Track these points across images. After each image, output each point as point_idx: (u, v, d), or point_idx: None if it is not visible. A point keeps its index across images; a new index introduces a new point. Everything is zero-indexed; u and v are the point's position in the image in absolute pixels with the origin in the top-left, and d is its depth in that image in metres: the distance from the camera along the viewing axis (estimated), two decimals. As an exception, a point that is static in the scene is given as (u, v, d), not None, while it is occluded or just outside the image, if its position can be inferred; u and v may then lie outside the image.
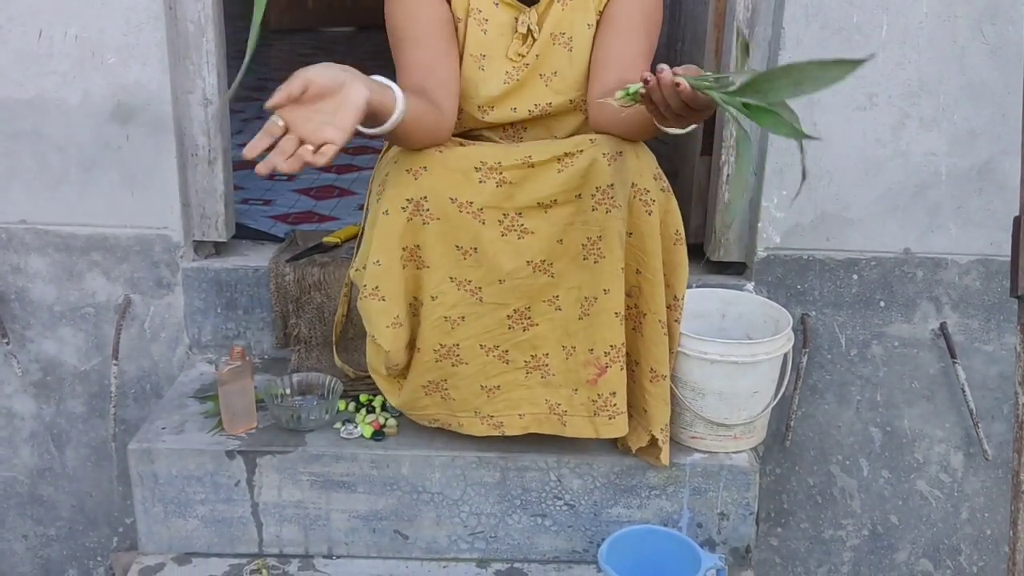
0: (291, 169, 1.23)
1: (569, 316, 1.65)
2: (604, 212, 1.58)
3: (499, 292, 1.63)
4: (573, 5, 1.70)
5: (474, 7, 1.70)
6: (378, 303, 1.63)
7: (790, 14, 1.96)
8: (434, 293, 1.62)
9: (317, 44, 5.19)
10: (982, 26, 1.96)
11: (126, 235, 2.09)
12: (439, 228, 1.59)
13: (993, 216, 2.06)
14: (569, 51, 1.71)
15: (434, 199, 1.58)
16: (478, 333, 1.65)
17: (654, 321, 1.67)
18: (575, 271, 1.62)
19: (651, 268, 1.63)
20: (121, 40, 1.96)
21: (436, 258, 1.60)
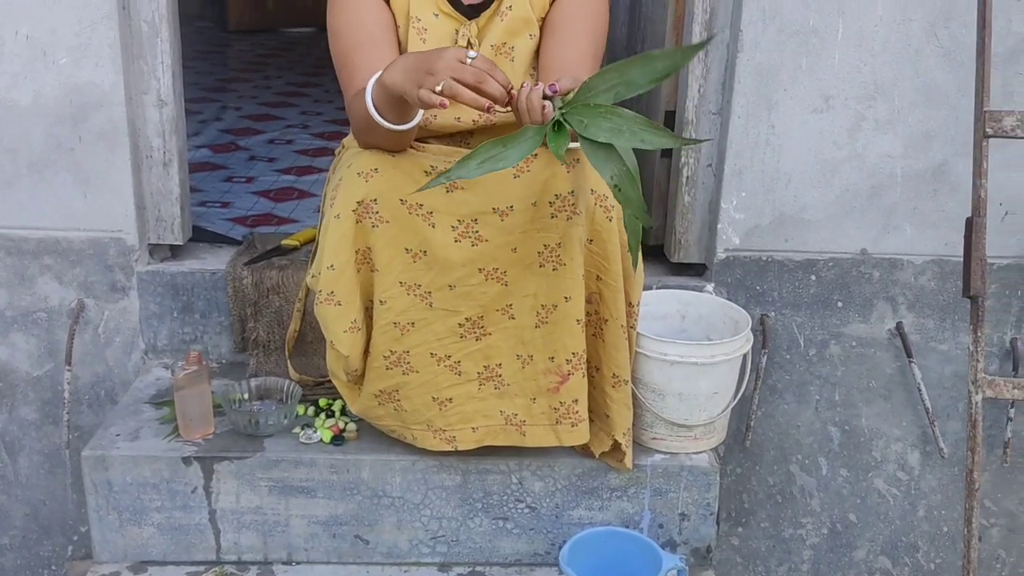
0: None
1: (524, 325, 1.64)
2: (565, 219, 1.58)
3: (449, 298, 1.61)
4: (514, 17, 1.70)
5: (414, 15, 1.69)
6: (334, 308, 1.61)
7: (747, 17, 1.97)
8: (383, 297, 1.61)
9: (278, 44, 5.14)
10: (936, 29, 1.98)
11: (79, 238, 2.05)
12: (388, 230, 1.58)
13: (947, 217, 2.09)
14: (511, 61, 1.71)
15: (384, 201, 1.57)
16: (428, 340, 1.64)
17: (616, 326, 1.67)
18: (530, 279, 1.62)
19: (612, 274, 1.64)
20: (73, 40, 1.93)
21: (385, 261, 1.59)
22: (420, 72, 1.38)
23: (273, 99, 3.96)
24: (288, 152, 3.19)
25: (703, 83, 2.06)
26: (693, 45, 1.24)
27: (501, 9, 1.71)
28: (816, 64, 2.00)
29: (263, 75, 4.40)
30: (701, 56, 2.05)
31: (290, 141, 3.32)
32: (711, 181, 2.13)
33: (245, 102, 3.88)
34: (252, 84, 4.21)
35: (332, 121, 3.61)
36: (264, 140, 3.32)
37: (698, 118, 2.07)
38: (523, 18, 1.70)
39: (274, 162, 3.07)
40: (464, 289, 1.61)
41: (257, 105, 3.84)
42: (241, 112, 3.71)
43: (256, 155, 3.15)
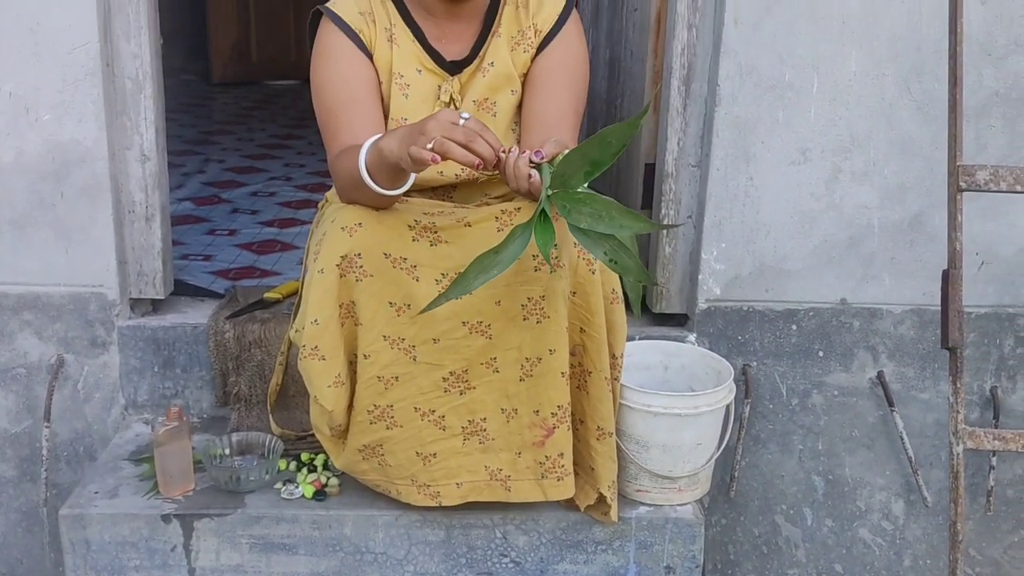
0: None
1: (508, 378, 1.64)
2: (548, 271, 1.59)
3: (434, 352, 1.61)
4: (496, 73, 1.73)
5: (397, 71, 1.71)
6: (318, 363, 1.61)
7: (724, 72, 2.00)
8: (367, 351, 1.61)
9: (262, 97, 5.18)
10: (909, 84, 2.02)
11: (60, 293, 2.05)
12: (372, 284, 1.58)
13: (925, 267, 2.11)
14: (494, 116, 1.73)
15: (367, 255, 1.57)
16: (412, 395, 1.63)
17: (600, 379, 1.67)
18: (514, 332, 1.62)
19: (595, 326, 1.64)
20: (57, 97, 1.94)
21: (369, 315, 1.59)
22: (414, 134, 1.42)
23: (256, 151, 3.98)
24: (271, 204, 3.20)
25: (682, 136, 2.09)
26: (636, 117, 1.32)
27: (483, 65, 1.73)
28: (792, 117, 2.03)
29: (247, 127, 4.43)
30: (680, 109, 2.08)
31: (273, 193, 3.33)
32: (691, 232, 2.14)
33: (228, 155, 3.90)
34: (236, 137, 4.23)
35: (315, 173, 3.62)
36: (247, 192, 3.33)
37: (678, 170, 2.10)
38: (505, 74, 1.73)
39: (257, 214, 3.08)
40: (448, 343, 1.61)
41: (240, 157, 3.86)
42: (224, 165, 3.72)
43: (239, 208, 3.15)
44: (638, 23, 2.19)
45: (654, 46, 2.13)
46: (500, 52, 1.73)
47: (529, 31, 1.73)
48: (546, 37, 1.73)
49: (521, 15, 1.74)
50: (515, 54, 1.73)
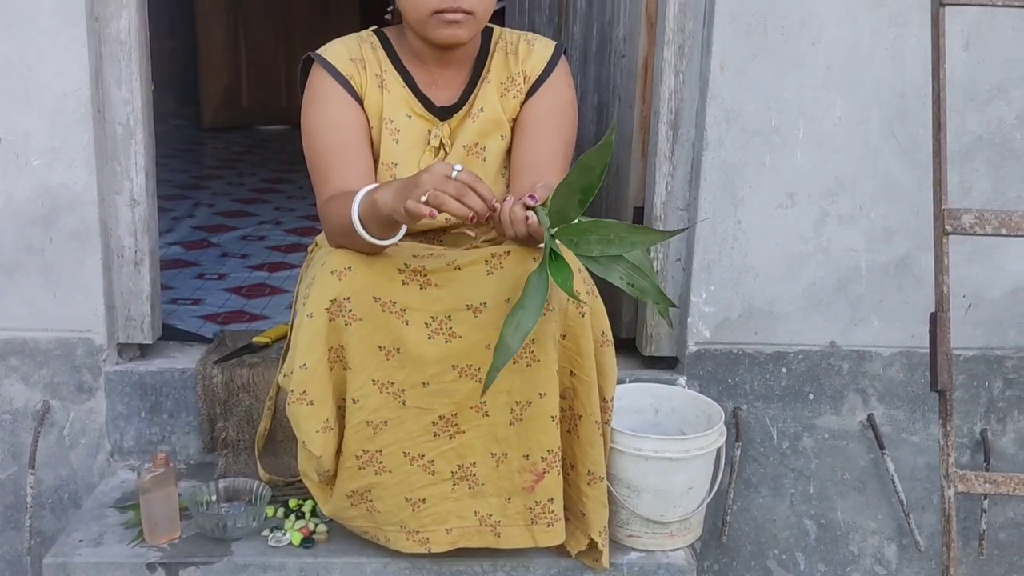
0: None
1: (498, 422, 1.63)
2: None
3: (423, 396, 1.61)
4: (485, 119, 1.74)
5: (387, 116, 1.73)
6: (306, 407, 1.60)
7: (712, 117, 2.03)
8: (356, 396, 1.60)
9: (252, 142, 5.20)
10: (894, 128, 2.05)
11: (47, 339, 2.03)
12: (361, 328, 1.58)
13: (913, 310, 2.12)
14: (483, 161, 1.74)
15: (356, 299, 1.57)
16: (401, 439, 1.62)
17: (590, 422, 1.66)
18: (504, 375, 1.61)
19: (585, 369, 1.64)
20: (47, 142, 1.94)
21: (359, 359, 1.59)
22: (408, 187, 1.43)
23: (246, 196, 3.99)
24: (261, 248, 3.20)
25: (670, 180, 2.10)
26: (607, 135, 1.34)
27: (473, 111, 1.75)
28: (779, 162, 2.05)
29: (237, 172, 4.44)
30: (668, 154, 2.09)
31: (263, 237, 3.34)
32: (680, 275, 2.15)
33: (218, 199, 3.90)
34: (226, 181, 4.25)
35: (305, 217, 3.63)
36: (237, 236, 3.34)
37: (666, 214, 2.11)
38: (494, 120, 1.74)
39: (246, 258, 3.08)
40: (438, 386, 1.61)
41: (230, 202, 3.87)
42: (214, 209, 3.73)
43: (228, 252, 3.15)
44: (626, 69, 2.21)
45: (642, 91, 2.15)
46: (490, 98, 1.75)
47: (518, 77, 1.75)
48: (535, 83, 1.75)
49: (511, 62, 1.76)
50: (504, 100, 1.75)
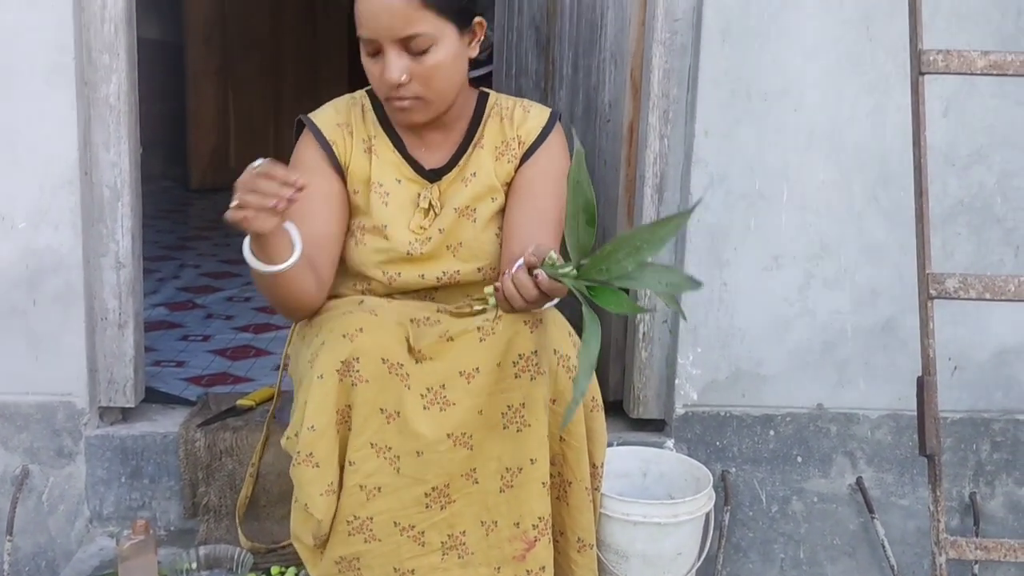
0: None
1: (488, 489, 1.61)
2: (528, 379, 1.57)
3: (417, 465, 1.58)
4: (478, 183, 1.75)
5: (376, 180, 1.74)
6: (312, 470, 1.57)
7: (697, 181, 2.05)
8: (353, 458, 1.58)
9: (239, 202, 5.21)
10: (876, 192, 2.07)
11: (27, 402, 2.01)
12: (367, 390, 1.56)
13: (899, 372, 2.12)
14: (474, 222, 1.75)
15: (365, 360, 1.55)
16: (393, 508, 1.59)
17: (580, 489, 1.64)
18: (495, 441, 1.59)
19: (575, 435, 1.62)
20: (33, 205, 1.94)
21: (361, 421, 1.57)
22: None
23: (233, 256, 3.98)
24: (246, 309, 3.19)
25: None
26: (686, 212, 1.32)
27: (465, 175, 1.75)
28: (764, 224, 2.07)
29: (223, 233, 4.44)
30: (653, 217, 2.10)
31: (248, 298, 3.32)
32: (667, 337, 2.15)
33: (204, 260, 3.90)
34: (212, 242, 4.24)
35: (291, 278, 3.61)
36: (222, 297, 3.32)
37: (652, 277, 2.11)
38: (487, 184, 1.75)
39: (232, 320, 3.06)
40: (432, 456, 1.58)
41: (217, 263, 3.86)
42: (200, 270, 3.72)
43: (213, 313, 3.14)
44: (611, 133, 2.24)
45: (627, 155, 2.18)
46: (484, 163, 1.75)
47: (513, 142, 1.76)
48: (530, 148, 1.75)
49: (506, 127, 1.77)
50: (499, 164, 1.75)
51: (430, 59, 1.60)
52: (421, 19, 1.57)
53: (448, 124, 1.75)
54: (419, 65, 1.60)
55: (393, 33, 1.57)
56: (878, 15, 2.01)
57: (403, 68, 1.60)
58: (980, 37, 2.01)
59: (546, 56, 2.58)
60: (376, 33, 1.58)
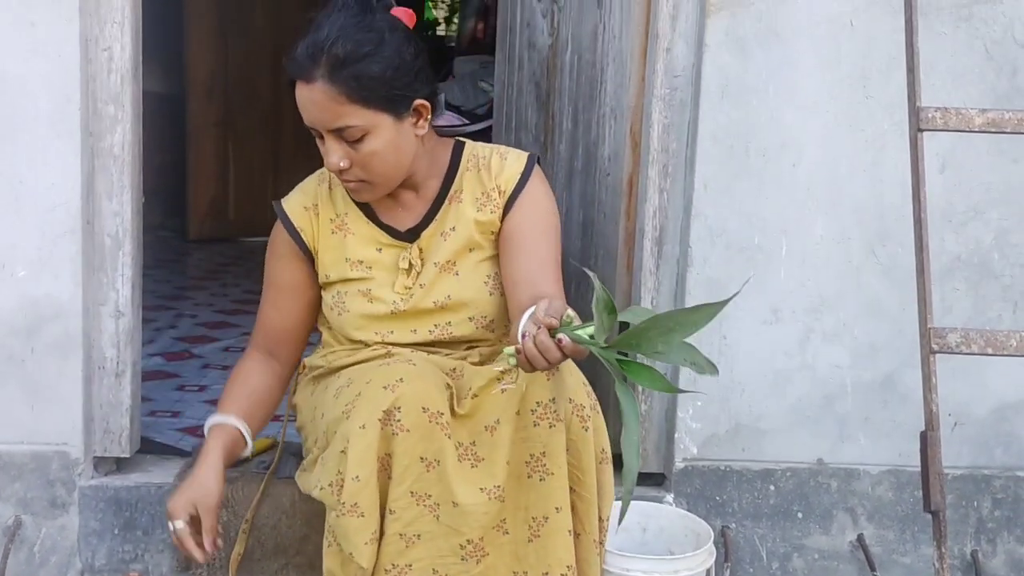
0: None
1: (518, 539, 1.59)
2: (547, 427, 1.56)
3: (454, 515, 1.56)
4: (457, 236, 1.75)
5: (354, 258, 1.75)
6: (357, 520, 1.55)
7: (696, 234, 2.06)
8: (393, 507, 1.56)
9: (237, 253, 5.22)
10: (874, 248, 2.08)
11: (21, 452, 1.99)
12: (408, 439, 1.54)
13: (899, 427, 2.12)
14: (456, 275, 1.75)
15: (407, 409, 1.54)
16: (432, 556, 1.57)
17: (589, 541, 1.62)
18: (522, 491, 1.58)
19: (586, 486, 1.61)
20: (34, 254, 1.94)
21: (401, 470, 1.55)
22: (183, 488, 1.72)
23: (230, 307, 3.98)
24: (243, 360, 3.17)
25: (655, 295, 2.12)
26: (725, 300, 1.35)
27: (444, 229, 1.75)
28: (763, 278, 2.08)
29: (221, 283, 4.44)
30: (652, 270, 2.12)
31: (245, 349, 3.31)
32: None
33: (201, 310, 3.89)
34: (209, 292, 4.24)
35: (288, 329, 3.61)
36: (219, 348, 3.31)
37: (652, 330, 2.12)
38: (467, 238, 1.75)
39: (228, 370, 3.03)
40: (468, 508, 1.57)
41: (213, 313, 3.85)
42: (197, 320, 3.71)
43: (210, 363, 3.12)
44: (610, 187, 2.26)
45: (626, 208, 2.19)
46: (463, 215, 1.75)
47: (494, 192, 1.76)
48: (511, 196, 1.75)
49: (484, 177, 1.77)
50: (482, 214, 1.75)
51: (365, 147, 1.62)
52: (349, 112, 1.59)
53: (419, 183, 1.75)
54: (356, 152, 1.63)
55: (324, 124, 1.61)
56: (874, 74, 2.04)
57: (341, 155, 1.63)
58: (975, 96, 2.04)
59: (546, 111, 2.61)
60: (311, 123, 1.64)
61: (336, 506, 1.55)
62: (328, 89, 1.57)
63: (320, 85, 1.57)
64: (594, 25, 2.31)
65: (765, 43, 2.02)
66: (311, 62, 1.58)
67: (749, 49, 2.02)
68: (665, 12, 2.04)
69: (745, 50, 2.02)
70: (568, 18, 2.46)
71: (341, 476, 1.54)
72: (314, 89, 1.58)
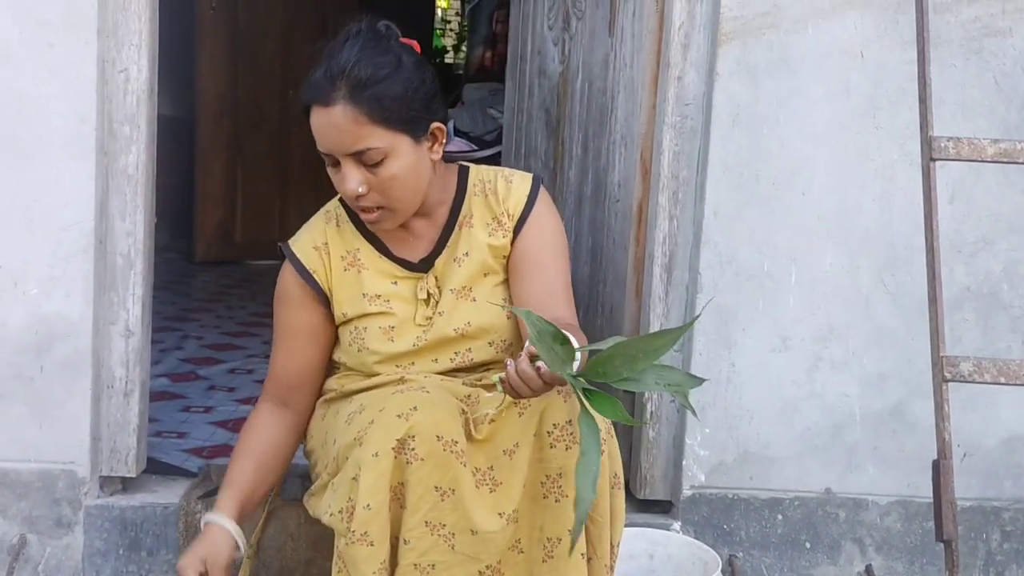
0: None
1: (533, 559, 1.58)
2: (564, 449, 1.56)
3: (471, 543, 1.55)
4: (471, 261, 1.75)
5: (371, 293, 1.74)
6: (366, 549, 1.53)
7: (705, 261, 2.06)
8: (408, 537, 1.55)
9: (243, 275, 5.23)
10: (883, 277, 2.09)
11: (28, 470, 1.99)
12: (422, 468, 1.53)
13: (908, 457, 2.11)
14: (473, 301, 1.75)
15: (421, 438, 1.53)
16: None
17: (601, 567, 1.61)
18: (537, 512, 1.58)
19: (599, 510, 1.60)
20: (46, 272, 1.95)
21: (415, 499, 1.54)
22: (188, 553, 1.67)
23: (236, 329, 3.98)
24: (248, 382, 3.17)
25: (664, 322, 2.12)
26: (688, 323, 1.40)
27: (457, 255, 1.76)
28: (772, 306, 2.08)
29: (226, 305, 4.45)
30: (662, 296, 2.12)
31: (251, 371, 3.31)
32: (675, 417, 2.14)
33: (207, 331, 3.89)
34: (215, 314, 4.24)
35: (294, 351, 3.61)
36: (225, 369, 3.31)
37: (660, 356, 2.12)
38: (481, 262, 1.75)
39: (234, 392, 3.05)
40: (485, 535, 1.56)
41: (219, 334, 3.85)
42: (203, 341, 3.71)
43: (216, 384, 3.12)
44: (620, 213, 2.27)
45: (636, 234, 2.20)
46: (475, 240, 1.75)
47: (503, 217, 1.76)
48: (519, 220, 1.76)
49: (492, 202, 1.77)
50: (494, 238, 1.76)
51: (385, 171, 1.61)
52: (370, 134, 1.58)
53: (430, 211, 1.75)
54: (375, 177, 1.62)
55: (344, 148, 1.60)
56: (884, 104, 2.05)
57: (359, 180, 1.62)
58: (984, 127, 2.05)
59: (556, 137, 2.63)
60: (329, 148, 1.62)
61: (346, 533, 1.54)
62: (349, 111, 1.58)
63: (340, 107, 1.58)
64: (605, 53, 2.33)
65: (776, 72, 2.03)
66: (331, 85, 1.58)
67: (760, 78, 2.03)
68: (677, 41, 2.06)
69: (756, 79, 2.03)
70: (579, 46, 2.48)
71: (352, 503, 1.53)
72: (333, 112, 1.58)
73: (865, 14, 2.03)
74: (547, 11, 2.64)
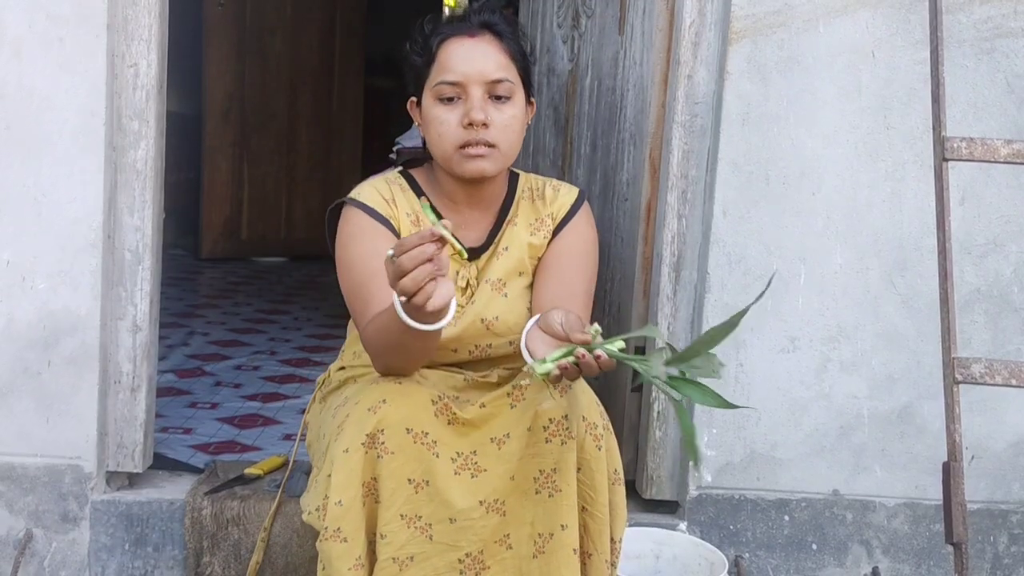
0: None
1: (522, 555, 1.59)
2: (559, 443, 1.56)
3: (450, 532, 1.56)
4: (509, 256, 1.77)
5: None
6: (340, 545, 1.54)
7: (714, 261, 2.06)
8: (384, 531, 1.55)
9: (250, 273, 5.24)
10: (893, 278, 2.08)
11: (35, 465, 1.99)
12: (393, 461, 1.54)
13: (916, 460, 2.10)
14: (505, 296, 1.76)
15: (390, 431, 1.54)
16: (427, 575, 1.57)
17: (600, 562, 1.61)
18: (528, 507, 1.58)
19: (598, 505, 1.60)
20: (54, 266, 1.95)
21: (388, 493, 1.55)
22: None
23: (242, 325, 3.98)
24: (254, 378, 3.18)
25: (672, 321, 2.12)
26: (739, 313, 1.42)
27: (498, 250, 1.78)
28: (781, 306, 2.07)
29: (233, 302, 4.45)
30: (670, 295, 2.12)
31: (257, 367, 3.31)
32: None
33: (214, 328, 3.90)
34: (221, 311, 4.25)
35: (300, 348, 3.62)
36: (231, 366, 3.31)
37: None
38: (518, 259, 1.78)
39: (240, 388, 3.05)
40: (465, 523, 1.56)
41: (225, 331, 3.86)
42: (209, 338, 3.71)
43: (222, 381, 3.12)
44: (628, 212, 2.26)
45: (644, 233, 2.19)
46: (517, 238, 1.78)
47: (547, 219, 1.80)
48: (560, 223, 1.80)
49: (538, 205, 1.81)
50: (535, 238, 1.79)
51: (508, 109, 1.68)
52: (508, 67, 1.69)
53: (487, 201, 1.77)
54: (499, 113, 1.67)
55: (484, 76, 1.66)
56: (895, 104, 2.04)
57: (487, 110, 1.67)
58: (995, 128, 2.04)
59: (565, 135, 2.62)
60: (466, 76, 1.66)
61: (321, 530, 1.55)
62: (497, 43, 1.69)
63: (489, 38, 1.69)
64: (615, 52, 2.32)
65: (786, 71, 2.02)
66: (478, 23, 1.70)
67: (770, 77, 2.03)
68: (687, 40, 2.06)
69: (766, 78, 2.03)
70: (589, 44, 2.47)
71: (326, 500, 1.54)
72: (481, 41, 1.68)
73: (876, 13, 2.02)
74: (556, 9, 2.63)
